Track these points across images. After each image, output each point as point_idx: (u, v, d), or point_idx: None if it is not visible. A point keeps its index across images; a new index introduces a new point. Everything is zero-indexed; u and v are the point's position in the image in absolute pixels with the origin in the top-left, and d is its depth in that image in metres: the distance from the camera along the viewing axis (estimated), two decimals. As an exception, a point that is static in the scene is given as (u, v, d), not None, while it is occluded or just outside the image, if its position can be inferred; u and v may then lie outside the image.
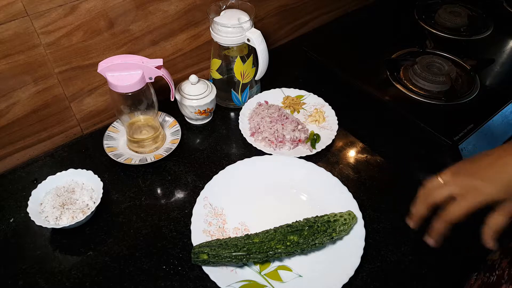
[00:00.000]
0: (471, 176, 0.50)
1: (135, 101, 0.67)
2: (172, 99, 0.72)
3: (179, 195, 0.69)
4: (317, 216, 0.60)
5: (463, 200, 0.50)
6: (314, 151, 0.75)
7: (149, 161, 0.72)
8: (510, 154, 0.49)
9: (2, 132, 0.70)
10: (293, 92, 0.87)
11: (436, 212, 0.54)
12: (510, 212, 0.50)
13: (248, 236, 0.58)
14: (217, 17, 0.75)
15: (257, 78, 0.82)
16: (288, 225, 0.59)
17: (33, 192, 0.64)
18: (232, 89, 0.82)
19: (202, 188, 0.67)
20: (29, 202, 0.62)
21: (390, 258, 0.62)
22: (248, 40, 0.74)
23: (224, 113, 0.85)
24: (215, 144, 0.78)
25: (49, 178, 0.66)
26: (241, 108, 0.83)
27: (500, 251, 0.63)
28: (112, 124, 0.78)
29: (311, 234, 0.57)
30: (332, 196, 0.67)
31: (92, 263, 0.60)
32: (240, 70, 0.79)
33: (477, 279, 0.63)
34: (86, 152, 0.76)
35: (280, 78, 0.92)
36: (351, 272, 0.57)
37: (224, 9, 0.77)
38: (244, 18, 0.74)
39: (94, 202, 0.64)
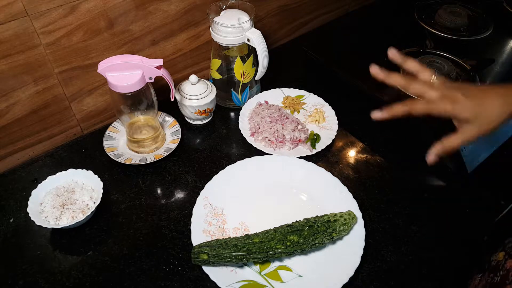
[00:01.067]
0: (459, 90, 0.54)
1: (135, 101, 0.67)
2: (172, 99, 0.72)
3: (179, 195, 0.69)
4: (317, 216, 0.60)
5: (437, 103, 0.54)
6: (314, 151, 0.75)
7: (149, 161, 0.72)
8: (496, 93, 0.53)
9: (2, 132, 0.70)
10: (293, 92, 0.87)
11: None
12: (468, 138, 0.54)
13: (248, 236, 0.58)
14: (217, 17, 0.75)
15: (257, 78, 0.82)
16: (288, 225, 0.59)
17: (33, 192, 0.64)
18: (232, 89, 0.82)
19: (202, 188, 0.67)
20: (29, 202, 0.62)
21: (390, 258, 0.62)
22: (248, 40, 0.74)
23: (224, 113, 0.85)
24: (215, 144, 0.78)
25: (49, 178, 0.66)
26: (241, 108, 0.83)
27: (505, 252, 0.63)
28: (112, 124, 0.78)
29: (311, 234, 0.57)
30: (332, 196, 0.67)
31: (92, 263, 0.60)
32: (240, 70, 0.79)
33: (481, 280, 0.63)
34: (86, 152, 0.76)
35: (280, 78, 0.92)
36: (351, 272, 0.57)
37: (224, 9, 0.77)
38: (244, 18, 0.74)
39: (94, 202, 0.64)
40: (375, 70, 0.59)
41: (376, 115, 0.59)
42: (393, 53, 0.59)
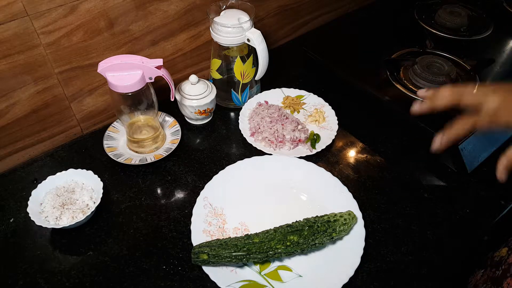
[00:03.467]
0: None
1: (135, 101, 0.67)
2: (172, 99, 0.72)
3: (179, 195, 0.69)
4: (317, 216, 0.60)
5: (505, 110, 0.47)
6: (314, 151, 0.75)
7: (149, 161, 0.72)
8: None
9: (2, 132, 0.70)
10: (293, 92, 0.87)
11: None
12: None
13: (248, 236, 0.58)
14: (217, 17, 0.75)
15: (257, 78, 0.82)
16: (288, 225, 0.59)
17: (33, 192, 0.64)
18: (232, 89, 0.82)
19: (202, 188, 0.67)
20: (29, 202, 0.62)
21: (390, 258, 0.62)
22: (248, 40, 0.74)
23: (224, 113, 0.85)
24: (215, 144, 0.78)
25: (49, 178, 0.66)
26: (241, 108, 0.83)
27: (508, 248, 0.63)
28: (112, 124, 0.78)
29: (311, 234, 0.57)
30: (332, 196, 0.67)
31: (92, 263, 0.60)
32: (240, 70, 0.79)
33: (483, 275, 0.63)
34: (86, 152, 0.76)
35: (280, 78, 0.92)
36: (351, 272, 0.57)
37: (224, 9, 0.77)
38: (244, 18, 0.74)
39: (94, 202, 0.64)
40: (422, 92, 0.55)
41: (436, 145, 0.53)
42: (422, 92, 0.56)
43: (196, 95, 0.77)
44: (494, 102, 0.47)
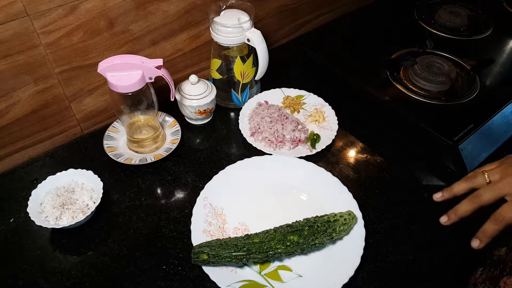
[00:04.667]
0: None
1: (135, 101, 0.67)
2: (172, 99, 0.72)
3: (179, 195, 0.69)
4: (317, 216, 0.60)
5: None
6: (314, 151, 0.75)
7: (149, 161, 0.72)
8: None
9: (2, 132, 0.70)
10: (293, 92, 0.87)
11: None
12: None
13: (248, 236, 0.58)
14: (217, 17, 0.75)
15: (257, 78, 0.82)
16: (288, 225, 0.59)
17: (33, 192, 0.64)
18: (232, 89, 0.82)
19: (202, 188, 0.67)
20: (29, 202, 0.62)
21: (390, 258, 0.62)
22: (248, 40, 0.74)
23: (224, 113, 0.85)
24: (215, 144, 0.78)
25: (49, 178, 0.66)
26: (241, 108, 0.83)
27: (507, 246, 0.63)
28: (112, 124, 0.78)
29: (311, 234, 0.57)
30: (332, 196, 0.67)
31: (92, 263, 0.60)
32: (240, 70, 0.79)
33: (482, 273, 0.63)
34: (86, 152, 0.76)
35: (280, 78, 0.92)
36: (351, 272, 0.57)
37: (224, 9, 0.77)
38: (244, 18, 0.74)
39: (94, 202, 0.64)
40: (439, 196, 0.58)
41: (476, 244, 0.53)
42: (438, 197, 0.58)
43: (196, 95, 0.77)
44: (509, 190, 0.49)
